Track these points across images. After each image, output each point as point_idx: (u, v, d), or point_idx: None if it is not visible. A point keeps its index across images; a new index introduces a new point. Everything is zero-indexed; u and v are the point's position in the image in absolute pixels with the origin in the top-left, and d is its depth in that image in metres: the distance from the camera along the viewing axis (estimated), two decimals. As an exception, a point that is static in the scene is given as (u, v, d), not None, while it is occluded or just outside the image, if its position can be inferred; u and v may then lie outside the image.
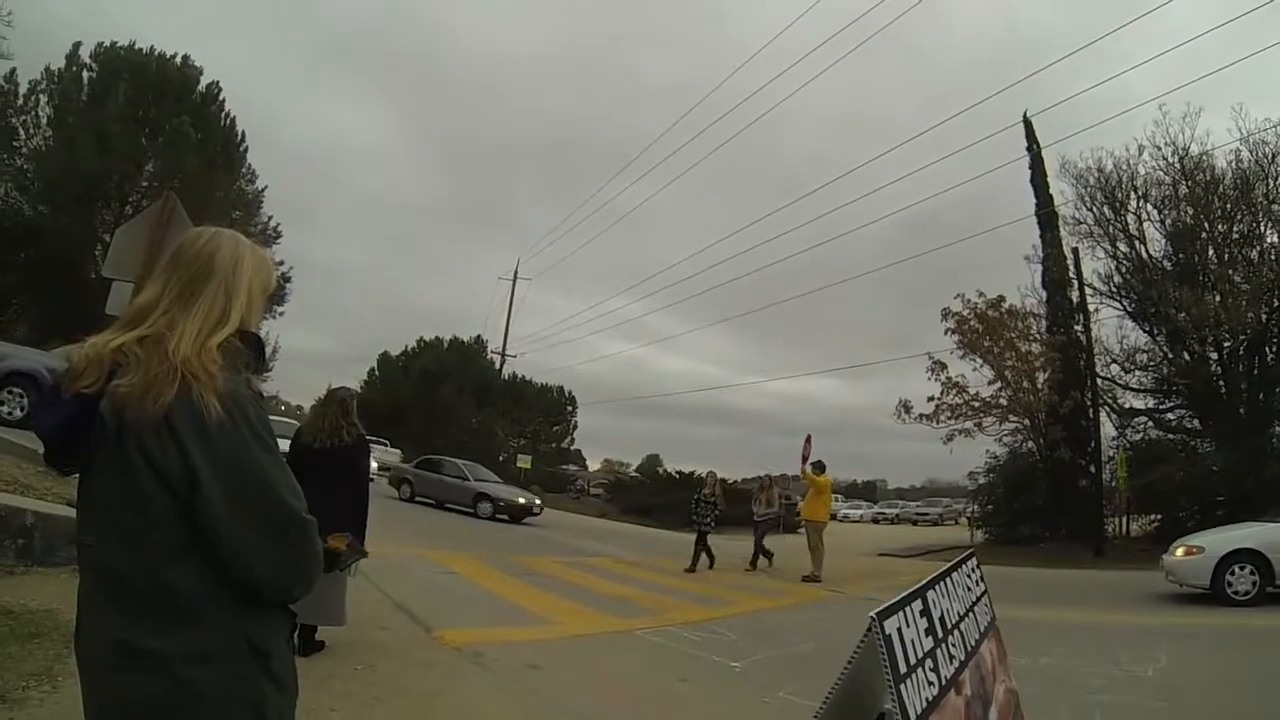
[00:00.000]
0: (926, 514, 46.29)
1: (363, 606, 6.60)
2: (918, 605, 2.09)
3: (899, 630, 1.90)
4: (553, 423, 53.72)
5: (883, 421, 57.56)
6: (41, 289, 25.79)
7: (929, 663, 2.00)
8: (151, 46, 29.68)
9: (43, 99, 28.11)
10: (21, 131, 27.93)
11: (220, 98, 30.59)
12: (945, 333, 22.03)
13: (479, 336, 50.23)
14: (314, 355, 75.38)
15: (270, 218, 33.17)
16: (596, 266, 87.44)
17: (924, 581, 2.27)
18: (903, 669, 1.84)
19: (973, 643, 2.39)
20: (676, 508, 23.84)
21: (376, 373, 51.24)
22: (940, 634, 2.17)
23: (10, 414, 12.21)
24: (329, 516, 3.68)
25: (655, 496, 32.44)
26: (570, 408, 53.83)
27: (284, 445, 2.02)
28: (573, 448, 56.60)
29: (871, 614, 1.87)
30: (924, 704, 1.89)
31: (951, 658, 2.15)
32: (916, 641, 1.98)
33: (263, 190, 32.87)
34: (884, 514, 50.44)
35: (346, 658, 5.24)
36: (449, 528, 15.67)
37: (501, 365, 46.57)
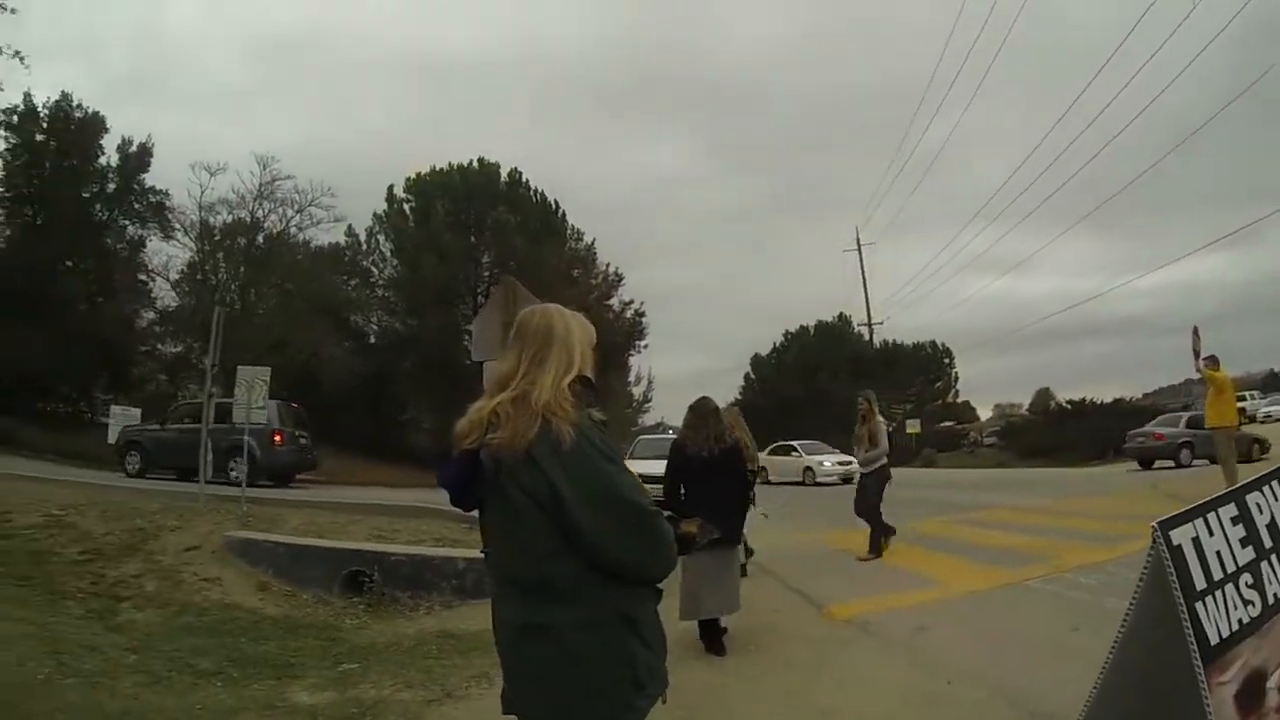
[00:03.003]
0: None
1: (758, 592, 7.11)
2: (1228, 511, 1.88)
3: (1194, 540, 1.75)
4: (933, 380, 51.97)
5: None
6: (425, 386, 30.43)
7: (1245, 578, 1.81)
8: (449, 163, 34.08)
9: (380, 238, 33.82)
10: (374, 269, 33.83)
11: (524, 179, 34.12)
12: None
13: (841, 314, 49.96)
14: (689, 376, 78.88)
15: (608, 264, 36.21)
16: (931, 211, 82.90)
17: (1242, 484, 2.05)
18: (1200, 584, 1.70)
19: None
20: (1074, 442, 22.06)
21: (752, 376, 52.76)
22: (1268, 545, 1.94)
23: (235, 475, 14.64)
24: (713, 509, 4.18)
25: (1051, 433, 29.90)
26: (947, 360, 51.89)
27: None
28: (958, 400, 54.10)
29: (1154, 522, 1.76)
30: (1236, 625, 1.71)
31: (1283, 573, 1.86)
32: (1225, 553, 1.80)
33: (593, 243, 35.99)
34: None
35: (742, 640, 5.71)
36: (831, 506, 15.86)
37: (870, 336, 46.04)
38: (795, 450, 26.84)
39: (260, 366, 12.65)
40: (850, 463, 23.57)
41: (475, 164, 33.67)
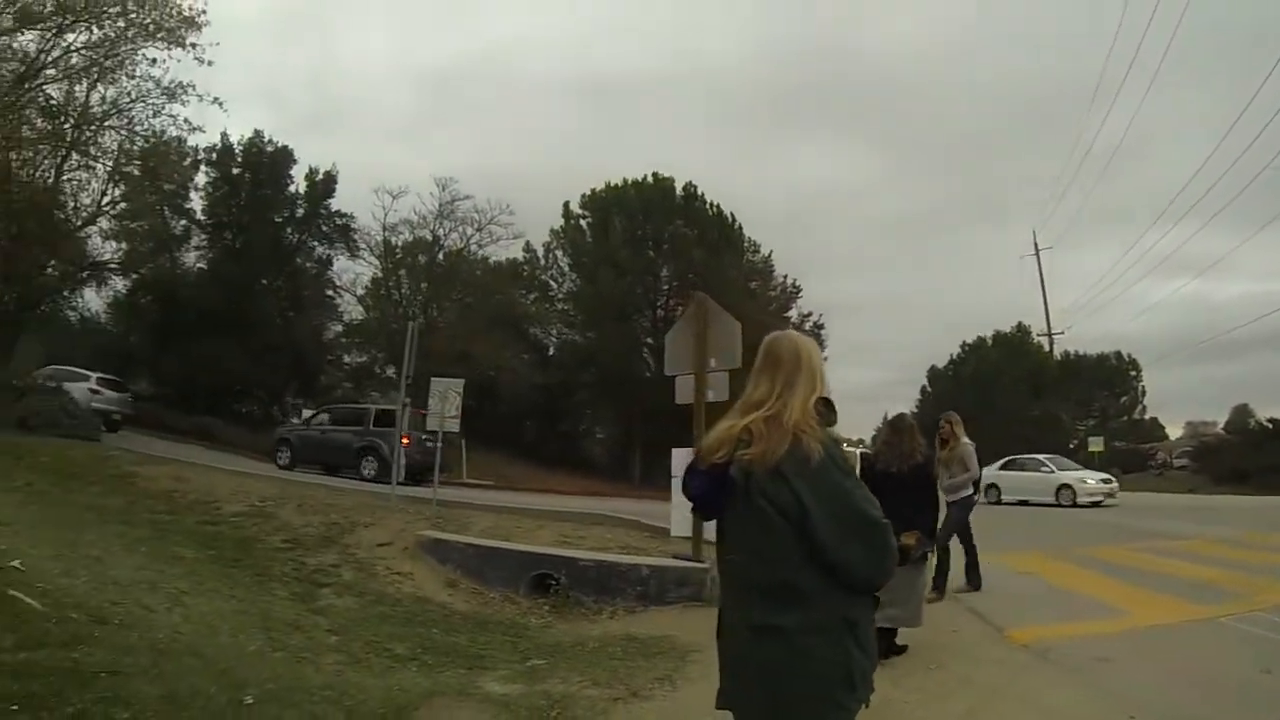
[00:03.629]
0: None
1: (937, 611, 7.08)
2: None
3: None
4: (1117, 394, 48.53)
5: None
6: (603, 398, 31.35)
7: None
8: (624, 179, 34.77)
9: (558, 253, 35.13)
10: (552, 283, 35.20)
11: (699, 193, 34.33)
12: None
13: (1019, 324, 47.42)
14: (866, 388, 77.26)
15: (785, 276, 36.19)
16: (1112, 211, 76.83)
17: None
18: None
19: None
20: (1278, 466, 20.32)
21: (929, 388, 51.00)
22: None
23: (367, 473, 17.97)
24: (905, 523, 4.45)
25: (1250, 455, 27.20)
26: (1133, 373, 47.97)
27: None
28: (1145, 417, 50.26)
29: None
30: None
31: None
32: None
33: (769, 255, 36.18)
34: None
35: (920, 657, 5.78)
36: (1015, 525, 15.41)
37: (1050, 346, 43.84)
38: (1045, 465, 23.37)
39: (454, 379, 13.36)
40: (1113, 481, 22.65)
41: (650, 179, 34.34)
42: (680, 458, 9.13)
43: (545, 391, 28.52)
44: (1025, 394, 42.07)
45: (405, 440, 18.88)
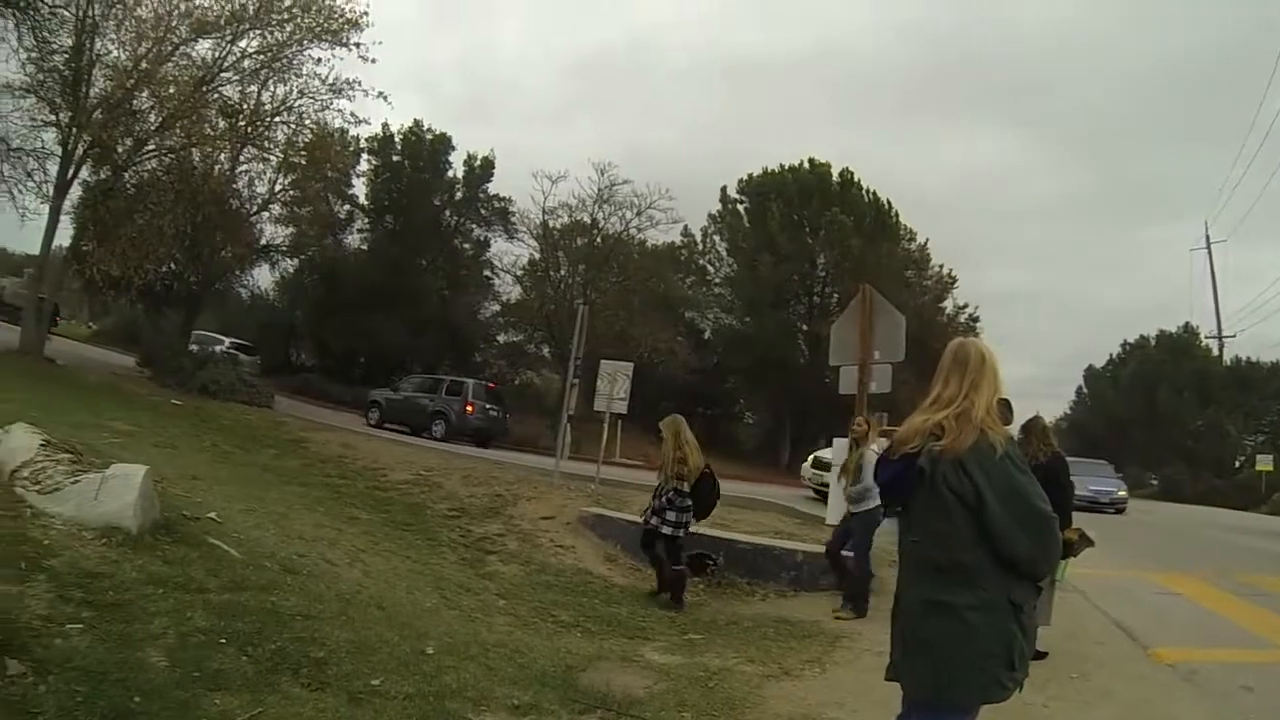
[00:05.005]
0: None
1: (1082, 623, 7.19)
2: None
3: None
4: (1294, 409, 44.83)
5: None
6: (757, 383, 31.56)
7: None
8: (780, 164, 34.70)
9: (716, 238, 35.62)
10: (710, 268, 35.65)
11: (856, 179, 33.85)
12: None
13: (1186, 324, 44.09)
14: (1016, 385, 72.36)
15: (941, 266, 35.47)
16: None
17: None
18: None
19: None
20: None
21: (1084, 389, 48.46)
22: None
23: (437, 433, 21.24)
24: None
25: None
26: (1314, 385, 44.30)
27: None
28: (1329, 434, 45.96)
29: None
30: None
31: None
32: None
33: (925, 244, 35.46)
34: None
35: (1063, 667, 5.87)
36: (1168, 546, 14.89)
37: (1220, 350, 40.99)
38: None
39: (622, 362, 13.74)
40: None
41: (806, 165, 34.07)
42: (840, 448, 9.32)
43: (699, 375, 28.93)
44: (1190, 402, 39.16)
45: (470, 408, 21.89)
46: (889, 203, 34.27)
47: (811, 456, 16.35)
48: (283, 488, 9.40)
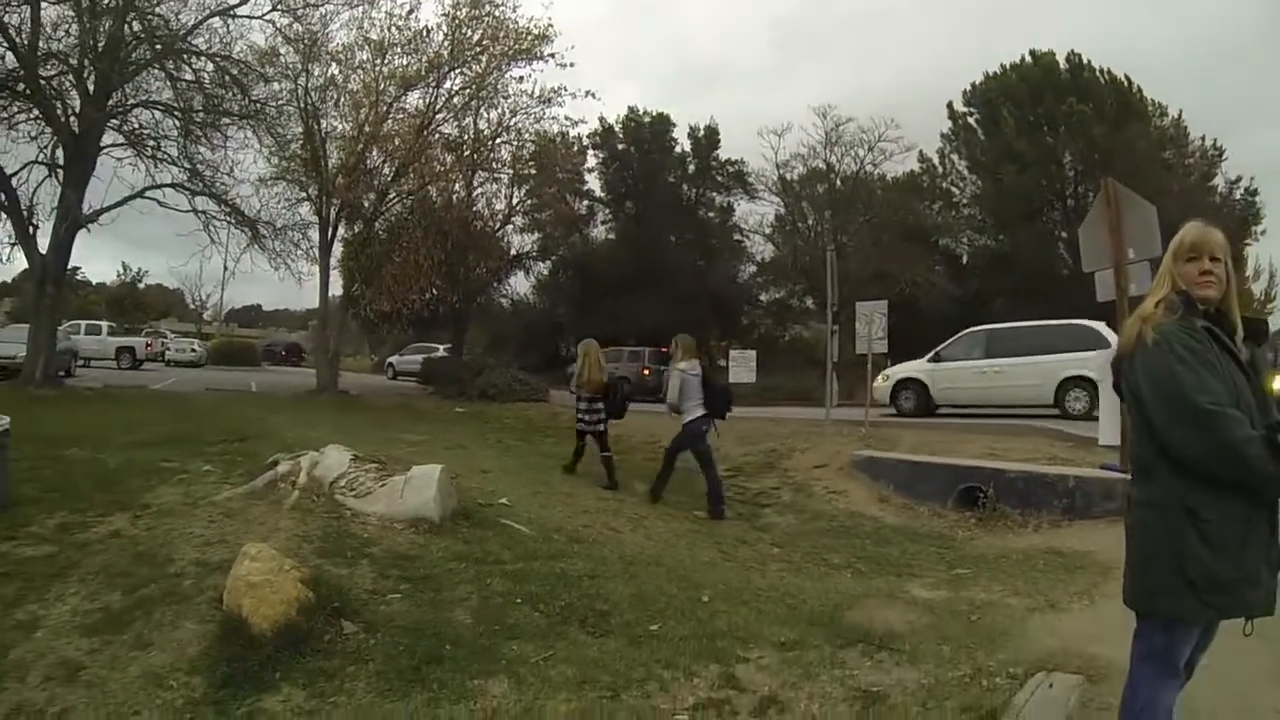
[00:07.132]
0: None
1: None
2: None
3: None
4: None
5: None
6: (1022, 301, 29.45)
7: None
8: (1001, 65, 32.12)
9: (953, 158, 33.44)
10: (954, 190, 33.51)
11: (1086, 61, 30.50)
12: None
13: None
14: None
15: (1202, 138, 31.25)
16: None
17: None
18: None
19: None
20: None
21: None
22: None
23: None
24: None
25: None
26: None
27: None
28: None
29: None
30: None
31: None
32: None
33: (1179, 116, 31.01)
34: None
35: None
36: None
37: None
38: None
39: (876, 301, 13.55)
40: None
41: (1028, 59, 31.28)
42: (1103, 358, 8.81)
43: (961, 304, 27.57)
44: None
45: (646, 371, 23.34)
46: (1128, 79, 30.33)
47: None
48: (564, 472, 10.02)
